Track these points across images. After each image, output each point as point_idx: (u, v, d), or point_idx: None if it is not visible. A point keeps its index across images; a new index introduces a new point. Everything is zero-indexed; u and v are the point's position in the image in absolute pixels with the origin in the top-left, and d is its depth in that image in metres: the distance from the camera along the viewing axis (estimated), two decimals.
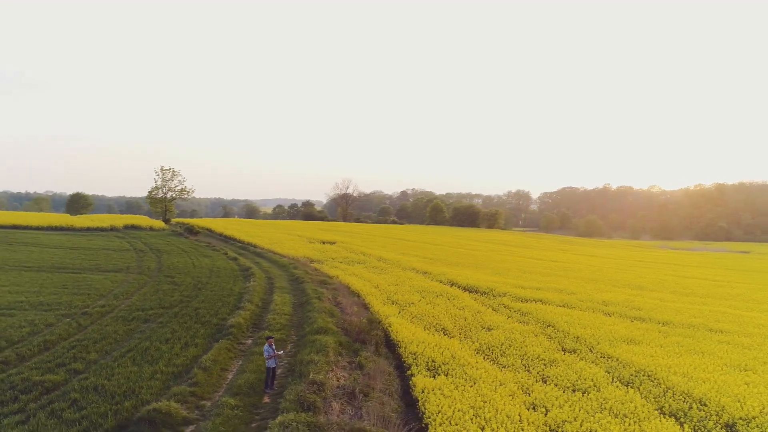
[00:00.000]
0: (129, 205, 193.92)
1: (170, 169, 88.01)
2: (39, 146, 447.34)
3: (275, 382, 15.74)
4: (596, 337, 24.19)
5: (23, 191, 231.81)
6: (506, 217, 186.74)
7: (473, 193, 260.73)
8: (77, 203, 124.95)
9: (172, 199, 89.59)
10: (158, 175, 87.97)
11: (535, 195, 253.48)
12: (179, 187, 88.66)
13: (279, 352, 15.78)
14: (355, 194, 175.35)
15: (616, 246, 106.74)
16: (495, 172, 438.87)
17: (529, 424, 14.07)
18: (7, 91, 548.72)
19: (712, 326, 28.26)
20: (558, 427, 14.20)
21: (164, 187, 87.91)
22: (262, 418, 13.30)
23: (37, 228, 58.91)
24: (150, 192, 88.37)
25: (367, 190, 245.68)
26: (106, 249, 46.22)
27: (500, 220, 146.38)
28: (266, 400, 14.65)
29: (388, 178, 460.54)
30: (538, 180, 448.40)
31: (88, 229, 63.04)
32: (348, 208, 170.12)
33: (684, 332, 26.73)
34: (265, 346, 15.34)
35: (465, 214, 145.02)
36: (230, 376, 16.34)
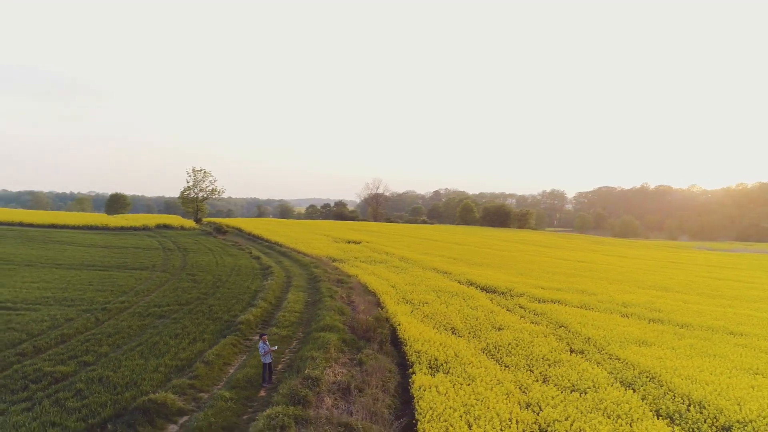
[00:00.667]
0: (167, 205, 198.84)
1: (201, 170, 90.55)
2: (83, 147, 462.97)
3: (273, 376, 16.23)
4: (607, 339, 23.95)
5: (68, 191, 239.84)
6: (539, 217, 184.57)
7: (507, 192, 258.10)
8: (116, 203, 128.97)
9: (204, 199, 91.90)
10: (190, 175, 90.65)
11: (570, 195, 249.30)
12: (210, 188, 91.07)
13: (273, 348, 16.29)
14: (387, 194, 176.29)
15: (650, 247, 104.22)
16: (529, 172, 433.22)
17: (517, 423, 14.17)
18: (57, 94, 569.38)
19: (732, 329, 27.57)
20: (548, 425, 14.25)
21: (196, 187, 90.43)
22: (254, 410, 13.77)
23: (74, 227, 61.27)
24: (182, 192, 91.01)
25: (400, 190, 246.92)
26: (135, 247, 47.80)
27: (531, 220, 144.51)
28: (262, 393, 15.14)
29: (421, 178, 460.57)
30: (573, 179, 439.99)
31: (122, 228, 65.20)
32: (378, 208, 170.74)
33: (701, 335, 26.20)
34: (260, 343, 15.85)
35: (495, 214, 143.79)
36: (232, 371, 16.91)
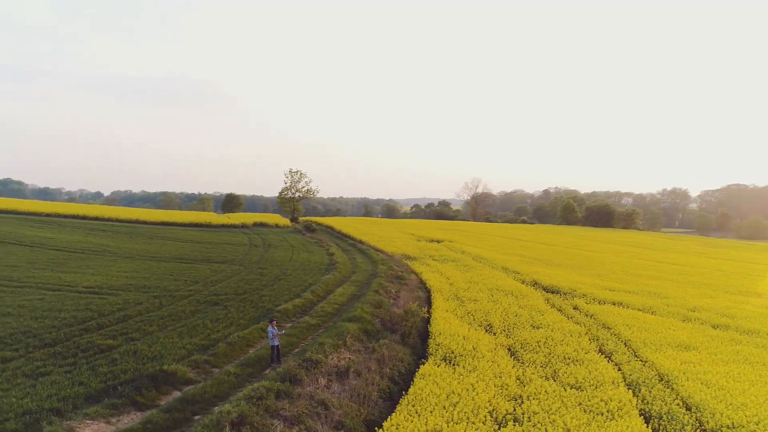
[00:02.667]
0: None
1: (298, 171, 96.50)
2: (212, 150, 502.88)
3: (282, 357, 17.97)
4: (646, 342, 23.34)
5: (196, 192, 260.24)
6: (655, 218, 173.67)
7: (622, 191, 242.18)
8: (230, 203, 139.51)
9: (299, 199, 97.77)
10: (287, 177, 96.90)
11: (695, 193, 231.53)
12: (305, 188, 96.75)
13: (281, 332, 18.04)
14: (495, 193, 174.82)
15: None
16: (650, 169, 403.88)
17: (492, 411, 14.81)
18: (194, 102, 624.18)
19: None
20: (523, 415, 14.72)
21: (293, 188, 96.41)
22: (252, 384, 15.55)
23: (181, 224, 67.79)
24: (280, 193, 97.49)
25: (509, 189, 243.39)
26: (226, 243, 52.30)
27: (637, 221, 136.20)
28: (266, 372, 16.91)
29: (532, 177, 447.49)
30: (700, 176, 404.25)
31: (223, 225, 71.09)
32: (477, 208, 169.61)
33: (761, 342, 24.73)
34: (269, 327, 17.65)
35: (598, 214, 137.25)
36: (251, 352, 18.87)
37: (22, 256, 35.51)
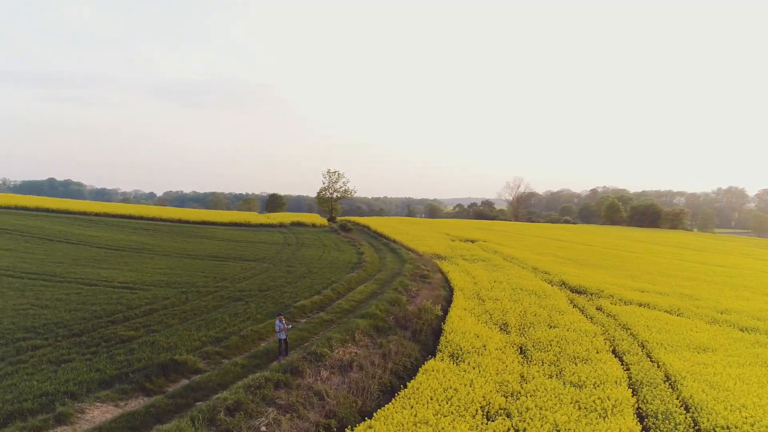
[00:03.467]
0: None
1: (335, 172, 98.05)
2: (262, 151, 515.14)
3: (292, 351, 18.73)
4: (663, 343, 23.09)
5: (244, 192, 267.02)
6: (708, 218, 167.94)
7: (674, 190, 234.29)
8: (273, 203, 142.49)
9: (337, 198, 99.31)
10: (325, 177, 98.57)
11: (753, 192, 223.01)
12: (343, 188, 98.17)
13: (289, 327, 18.80)
14: (541, 192, 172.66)
15: None
16: (705, 167, 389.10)
17: (484, 406, 15.15)
18: (238, 103, 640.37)
19: None
20: (516, 410, 15.00)
21: (330, 188, 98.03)
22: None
23: (221, 224, 69.93)
24: (319, 193, 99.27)
25: (555, 188, 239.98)
26: (261, 242, 53.82)
27: (685, 220, 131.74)
28: (272, 364, 17.69)
29: (583, 177, 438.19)
30: (758, 175, 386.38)
31: (261, 225, 72.96)
32: (519, 207, 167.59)
33: None
34: (276, 322, 18.43)
35: (644, 214, 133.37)
36: (262, 345, 19.72)
37: (68, 253, 37.68)
